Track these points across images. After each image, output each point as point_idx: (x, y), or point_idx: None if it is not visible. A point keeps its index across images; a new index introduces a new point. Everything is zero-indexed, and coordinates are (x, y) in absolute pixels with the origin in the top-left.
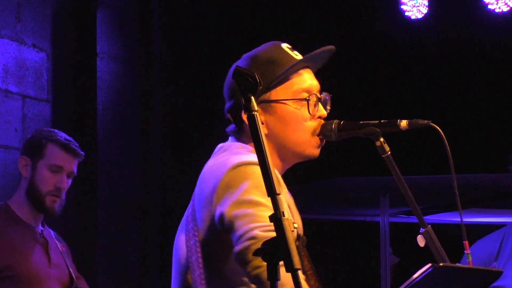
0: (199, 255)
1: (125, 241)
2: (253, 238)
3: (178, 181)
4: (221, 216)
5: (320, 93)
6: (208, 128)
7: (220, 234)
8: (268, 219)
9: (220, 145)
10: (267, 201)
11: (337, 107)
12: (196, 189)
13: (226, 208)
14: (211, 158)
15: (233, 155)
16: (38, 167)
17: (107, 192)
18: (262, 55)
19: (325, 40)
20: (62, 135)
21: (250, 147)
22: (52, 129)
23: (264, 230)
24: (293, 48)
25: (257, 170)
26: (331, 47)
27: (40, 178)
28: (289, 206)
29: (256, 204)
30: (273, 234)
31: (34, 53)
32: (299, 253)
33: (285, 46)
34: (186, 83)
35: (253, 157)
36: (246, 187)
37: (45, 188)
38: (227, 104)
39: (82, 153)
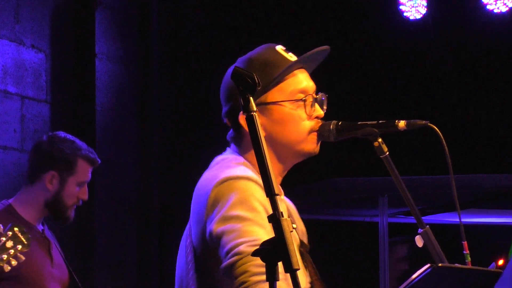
0: (194, 271)
1: (123, 241)
2: (239, 253)
3: (176, 182)
4: (210, 232)
5: (316, 94)
6: (207, 129)
7: (211, 251)
8: (254, 234)
9: (216, 158)
10: (253, 216)
11: (336, 107)
12: (191, 205)
13: (214, 225)
14: (206, 171)
15: (223, 169)
16: (68, 182)
17: (106, 192)
18: (257, 58)
19: (323, 41)
20: (84, 147)
21: (242, 159)
22: (73, 138)
23: (250, 245)
24: (290, 49)
25: (244, 184)
26: (326, 47)
27: (68, 193)
28: (290, 214)
29: (242, 219)
30: None
31: (33, 54)
32: (304, 260)
33: (279, 48)
34: (185, 84)
35: (242, 171)
36: (232, 202)
37: (70, 201)
38: (224, 109)
39: (100, 161)
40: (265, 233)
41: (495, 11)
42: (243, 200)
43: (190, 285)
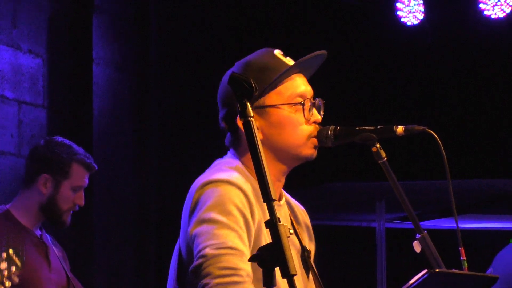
0: (175, 270)
1: (122, 243)
2: (204, 256)
3: (174, 185)
4: (189, 234)
5: (314, 99)
6: (205, 132)
7: (191, 253)
8: (222, 237)
9: (215, 161)
10: (226, 219)
11: (334, 112)
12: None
13: (191, 227)
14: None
15: (212, 173)
16: (62, 186)
17: (103, 196)
18: (255, 62)
19: (321, 46)
20: (81, 151)
21: (236, 163)
22: (69, 143)
23: (214, 248)
24: (287, 54)
25: (223, 187)
26: (323, 52)
27: (63, 198)
28: (298, 219)
29: (214, 222)
30: (223, 251)
31: (30, 59)
32: (307, 267)
33: (277, 52)
34: (182, 88)
35: (227, 175)
36: (208, 205)
37: (65, 206)
38: (221, 113)
39: (96, 167)
40: (236, 236)
41: (493, 16)
42: (218, 203)
43: (171, 284)
